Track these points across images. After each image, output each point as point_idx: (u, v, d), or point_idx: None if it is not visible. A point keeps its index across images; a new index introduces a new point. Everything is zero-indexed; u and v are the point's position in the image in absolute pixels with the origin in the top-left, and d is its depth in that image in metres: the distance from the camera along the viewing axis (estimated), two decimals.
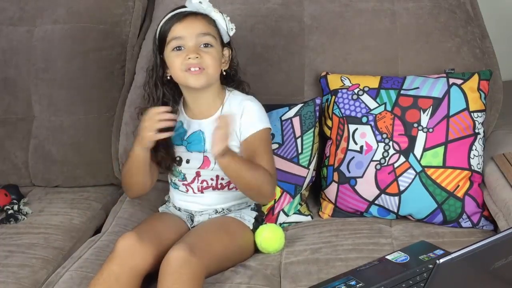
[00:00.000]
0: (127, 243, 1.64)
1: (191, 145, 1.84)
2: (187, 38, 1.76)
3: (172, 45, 1.77)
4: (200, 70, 1.75)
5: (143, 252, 1.63)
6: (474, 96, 1.94)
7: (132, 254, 1.62)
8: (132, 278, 1.62)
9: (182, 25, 1.77)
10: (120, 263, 1.61)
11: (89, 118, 2.23)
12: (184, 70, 1.76)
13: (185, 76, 1.76)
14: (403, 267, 1.46)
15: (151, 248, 1.65)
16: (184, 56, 1.75)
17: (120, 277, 1.60)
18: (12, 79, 2.25)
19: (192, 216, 1.85)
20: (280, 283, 1.70)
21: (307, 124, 1.99)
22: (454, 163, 1.90)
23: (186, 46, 1.76)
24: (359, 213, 1.98)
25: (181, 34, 1.76)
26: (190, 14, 1.78)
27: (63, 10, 2.26)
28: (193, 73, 1.75)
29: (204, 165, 1.82)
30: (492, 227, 1.90)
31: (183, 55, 1.75)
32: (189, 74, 1.76)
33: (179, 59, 1.76)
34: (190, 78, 1.76)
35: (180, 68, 1.76)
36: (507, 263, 1.15)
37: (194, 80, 1.76)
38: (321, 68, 2.10)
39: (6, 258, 1.85)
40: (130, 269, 1.61)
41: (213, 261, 1.67)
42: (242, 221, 1.82)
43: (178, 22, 1.77)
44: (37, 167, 2.25)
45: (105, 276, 1.61)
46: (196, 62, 1.74)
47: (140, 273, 1.63)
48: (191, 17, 1.78)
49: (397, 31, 2.10)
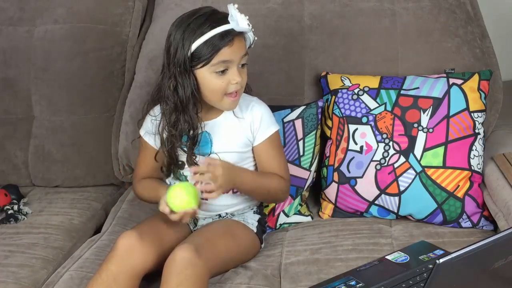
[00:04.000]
0: (127, 242, 1.63)
1: (198, 147, 1.79)
2: (235, 62, 1.69)
3: (218, 68, 1.68)
4: (238, 94, 1.73)
5: (143, 252, 1.63)
6: (474, 96, 1.94)
7: (132, 254, 1.62)
8: (130, 278, 1.61)
9: (232, 49, 1.67)
10: (119, 262, 1.61)
11: (89, 118, 2.23)
12: (223, 94, 1.71)
13: (223, 99, 1.72)
14: (403, 267, 1.46)
15: (151, 248, 1.64)
16: (229, 81, 1.69)
17: (118, 277, 1.60)
18: (12, 79, 2.25)
19: (195, 219, 1.85)
20: (280, 283, 1.70)
21: (309, 127, 1.99)
22: (454, 163, 1.90)
23: (230, 69, 1.69)
24: (359, 213, 1.98)
25: (231, 58, 1.68)
26: (236, 35, 1.68)
27: (63, 10, 2.26)
28: (232, 98, 1.72)
29: None
30: (492, 227, 1.90)
31: (227, 79, 1.69)
32: (227, 98, 1.72)
33: (221, 81, 1.69)
34: (226, 101, 1.73)
35: (221, 91, 1.71)
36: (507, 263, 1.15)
37: (231, 105, 1.74)
38: (321, 68, 2.10)
39: (6, 258, 1.85)
40: (129, 269, 1.61)
41: (217, 263, 1.67)
42: (246, 224, 1.82)
43: (228, 46, 1.67)
44: (37, 167, 2.25)
45: (103, 276, 1.60)
46: (240, 86, 1.71)
47: (139, 273, 1.63)
48: (238, 39, 1.69)
49: (397, 31, 2.10)
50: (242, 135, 1.80)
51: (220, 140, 1.79)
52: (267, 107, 1.84)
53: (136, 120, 1.94)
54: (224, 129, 1.80)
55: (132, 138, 2.07)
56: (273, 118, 1.85)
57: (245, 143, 1.81)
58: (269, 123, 1.82)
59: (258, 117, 1.80)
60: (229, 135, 1.80)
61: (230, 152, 1.79)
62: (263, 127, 1.81)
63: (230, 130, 1.80)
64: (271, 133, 1.82)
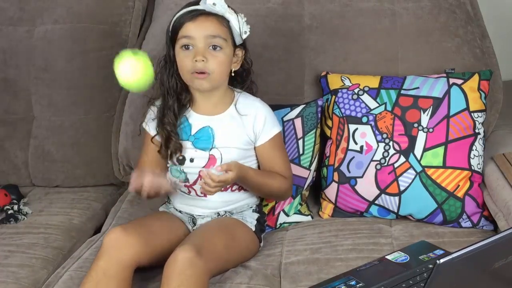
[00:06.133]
0: (112, 237, 1.64)
1: (199, 141, 1.81)
2: (197, 39, 1.74)
3: (181, 42, 1.76)
4: (205, 75, 1.75)
5: (128, 243, 1.63)
6: (474, 96, 1.94)
7: (118, 247, 1.63)
8: (120, 271, 1.61)
9: (193, 25, 1.75)
10: (106, 257, 1.62)
11: (89, 118, 2.23)
12: (190, 72, 1.76)
13: (191, 77, 1.77)
14: (403, 267, 1.46)
15: (138, 240, 1.65)
16: (192, 58, 1.74)
17: (107, 271, 1.60)
18: (12, 79, 2.25)
19: (194, 219, 1.85)
20: (280, 283, 1.70)
21: (309, 126, 1.99)
22: (454, 163, 1.90)
23: (195, 46, 1.75)
24: (359, 213, 1.98)
25: (191, 34, 1.75)
26: (203, 13, 1.76)
27: (63, 10, 2.26)
28: (198, 77, 1.75)
29: (209, 164, 1.80)
30: (492, 227, 1.90)
31: (191, 56, 1.74)
32: (194, 77, 1.76)
33: (187, 59, 1.75)
34: (195, 81, 1.77)
35: (187, 69, 1.76)
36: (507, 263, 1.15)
37: (198, 84, 1.77)
38: (321, 68, 2.10)
39: (6, 258, 1.85)
40: (117, 262, 1.61)
41: (218, 263, 1.68)
42: (245, 223, 1.82)
43: (190, 21, 1.75)
44: (37, 167, 2.25)
45: (93, 273, 1.61)
46: (202, 66, 1.73)
47: (128, 265, 1.63)
48: (203, 17, 1.75)
49: (397, 31, 2.10)
50: (244, 133, 1.81)
51: (222, 135, 1.80)
52: (269, 109, 1.86)
53: (136, 120, 1.94)
54: (227, 125, 1.81)
55: (132, 138, 2.08)
56: (276, 120, 1.86)
57: (246, 141, 1.82)
58: (272, 124, 1.84)
59: (262, 118, 1.82)
60: (231, 132, 1.81)
61: (232, 147, 1.80)
62: (267, 128, 1.82)
63: (233, 126, 1.81)
64: (274, 134, 1.83)
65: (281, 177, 1.83)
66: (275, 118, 1.86)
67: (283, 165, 1.85)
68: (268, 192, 1.87)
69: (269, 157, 1.84)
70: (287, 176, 1.85)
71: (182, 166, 1.82)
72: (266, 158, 1.84)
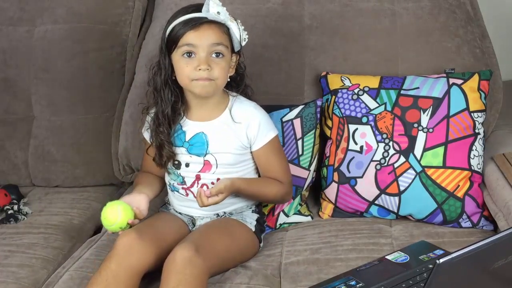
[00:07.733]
0: (126, 241, 1.64)
1: (193, 147, 1.81)
2: (200, 48, 1.72)
3: (183, 50, 1.73)
4: (208, 80, 1.73)
5: (142, 250, 1.63)
6: (474, 96, 1.94)
7: (131, 252, 1.62)
8: (130, 276, 1.61)
9: (196, 34, 1.71)
10: (118, 261, 1.61)
11: (89, 118, 2.23)
12: (191, 79, 1.74)
13: (192, 84, 1.74)
14: (403, 267, 1.46)
15: (151, 247, 1.65)
16: (195, 66, 1.72)
17: (118, 275, 1.60)
18: (12, 79, 2.25)
19: (193, 220, 1.85)
20: (280, 283, 1.70)
21: (308, 126, 1.99)
22: (454, 163, 1.90)
23: (197, 54, 1.72)
24: (359, 213, 1.98)
25: (194, 42, 1.72)
26: (205, 22, 1.73)
27: (63, 10, 2.26)
28: (201, 81, 1.73)
29: (204, 169, 1.81)
30: (492, 227, 1.90)
31: (194, 64, 1.72)
32: (196, 82, 1.74)
33: (189, 67, 1.72)
34: (197, 86, 1.74)
35: (189, 76, 1.73)
36: (507, 263, 1.15)
37: (201, 88, 1.74)
38: (321, 68, 2.10)
39: (6, 258, 1.85)
40: (128, 267, 1.61)
41: (217, 262, 1.67)
42: (245, 223, 1.82)
43: (193, 30, 1.71)
44: (37, 167, 2.25)
45: (103, 274, 1.61)
46: (206, 74, 1.72)
47: (138, 271, 1.63)
48: (206, 25, 1.73)
49: (397, 31, 2.10)
50: (237, 139, 1.80)
51: (216, 141, 1.80)
52: (265, 113, 1.84)
53: (136, 120, 1.94)
54: (221, 130, 1.80)
55: (132, 138, 2.07)
56: (272, 123, 1.85)
57: (240, 146, 1.81)
58: (267, 129, 1.82)
59: (256, 124, 1.80)
60: (225, 137, 1.80)
61: (226, 153, 1.80)
62: (262, 133, 1.81)
63: (227, 132, 1.80)
64: (270, 138, 1.82)
65: (277, 183, 1.83)
66: (270, 122, 1.84)
67: (281, 169, 1.84)
68: (264, 199, 1.88)
69: (266, 162, 1.84)
70: (285, 181, 1.84)
71: (179, 171, 1.82)
72: (263, 163, 1.84)
